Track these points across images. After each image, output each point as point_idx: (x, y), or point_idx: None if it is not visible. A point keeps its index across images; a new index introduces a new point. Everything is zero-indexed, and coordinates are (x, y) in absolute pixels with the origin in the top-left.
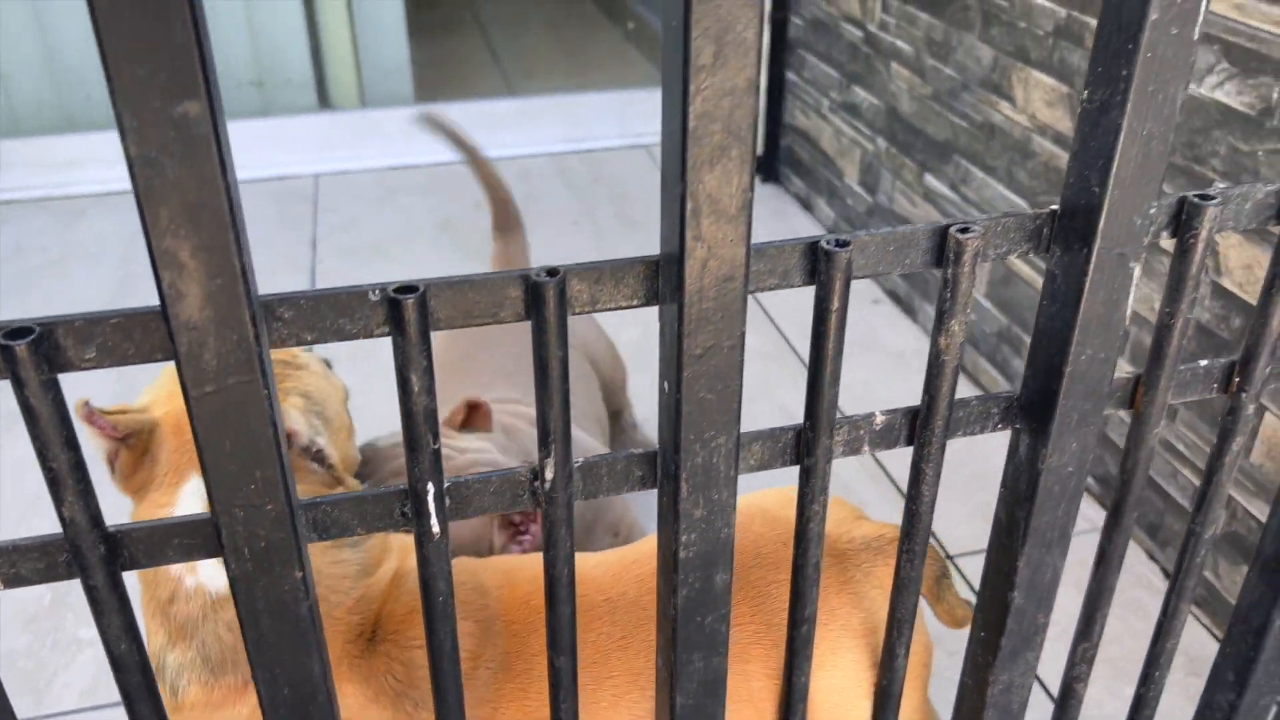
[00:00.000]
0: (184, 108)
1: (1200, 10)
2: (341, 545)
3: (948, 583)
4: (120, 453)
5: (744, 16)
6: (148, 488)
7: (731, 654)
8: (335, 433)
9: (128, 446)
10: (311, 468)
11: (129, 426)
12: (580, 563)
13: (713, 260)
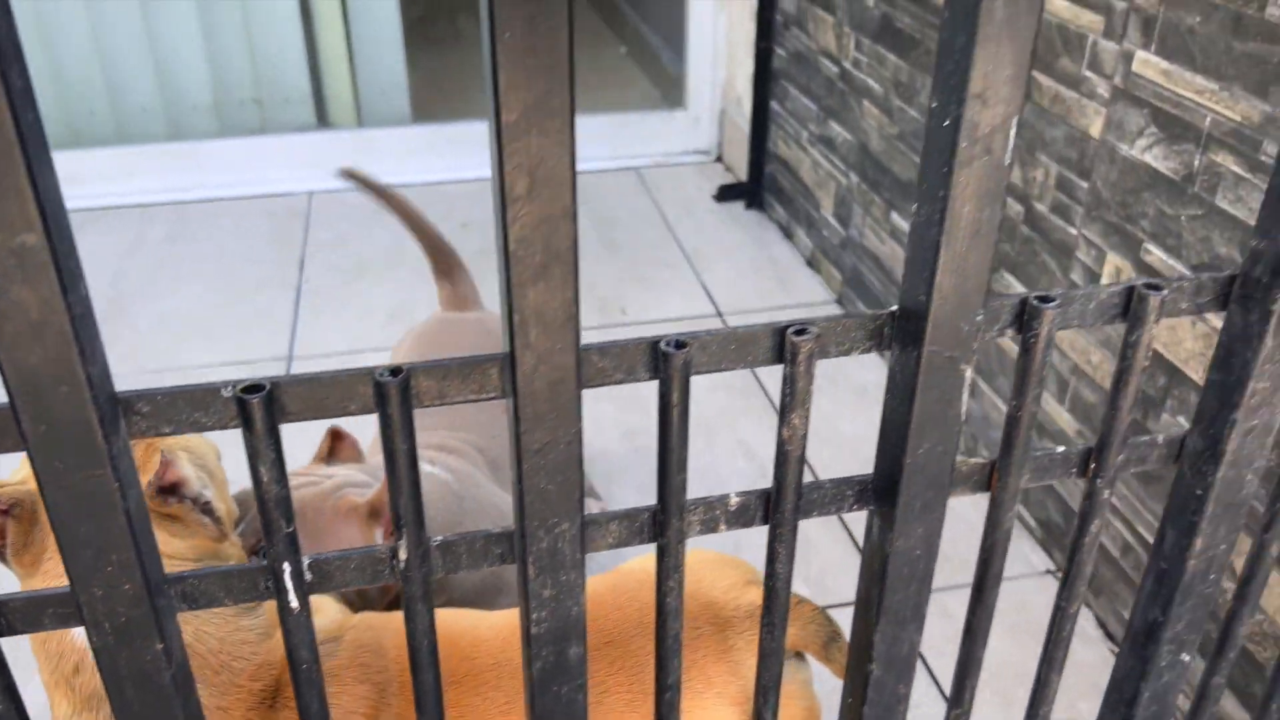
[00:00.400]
0: (22, 239)
1: (1009, 142)
2: (240, 613)
3: (838, 645)
4: (7, 526)
5: (555, 153)
6: (40, 559)
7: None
8: (218, 486)
9: (13, 518)
10: (201, 520)
11: (10, 498)
12: (477, 623)
13: (543, 365)
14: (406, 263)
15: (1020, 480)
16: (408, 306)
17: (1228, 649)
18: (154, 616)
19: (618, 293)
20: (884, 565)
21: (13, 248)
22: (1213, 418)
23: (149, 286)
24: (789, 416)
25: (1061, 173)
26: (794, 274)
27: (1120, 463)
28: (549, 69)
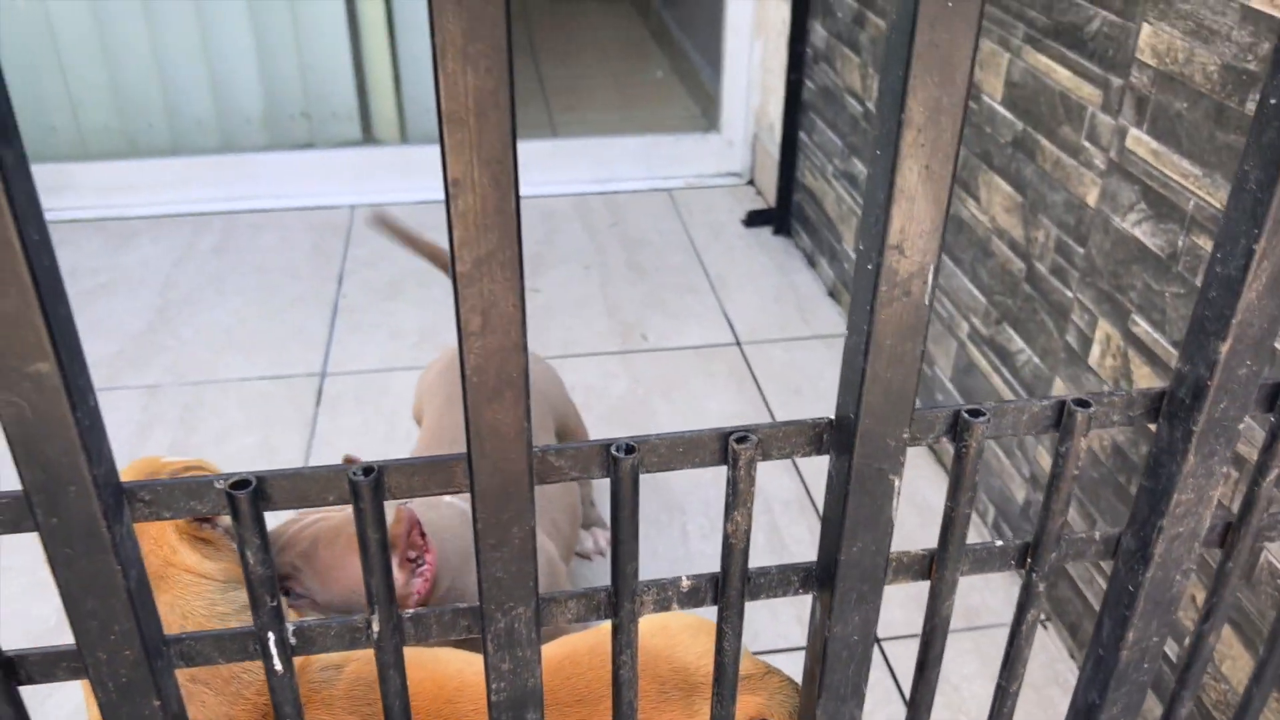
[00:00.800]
0: (37, 366)
1: (928, 286)
2: None
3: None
4: None
5: (505, 296)
6: None
7: None
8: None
9: None
10: (231, 545)
11: None
12: (464, 667)
13: (498, 471)
14: (438, 283)
15: (957, 572)
16: (437, 328)
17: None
18: (152, 676)
19: (640, 317)
20: (824, 647)
21: (29, 373)
22: (1143, 522)
23: (195, 296)
24: (732, 513)
25: (1060, 236)
26: (815, 304)
27: (1055, 559)
28: (499, 226)
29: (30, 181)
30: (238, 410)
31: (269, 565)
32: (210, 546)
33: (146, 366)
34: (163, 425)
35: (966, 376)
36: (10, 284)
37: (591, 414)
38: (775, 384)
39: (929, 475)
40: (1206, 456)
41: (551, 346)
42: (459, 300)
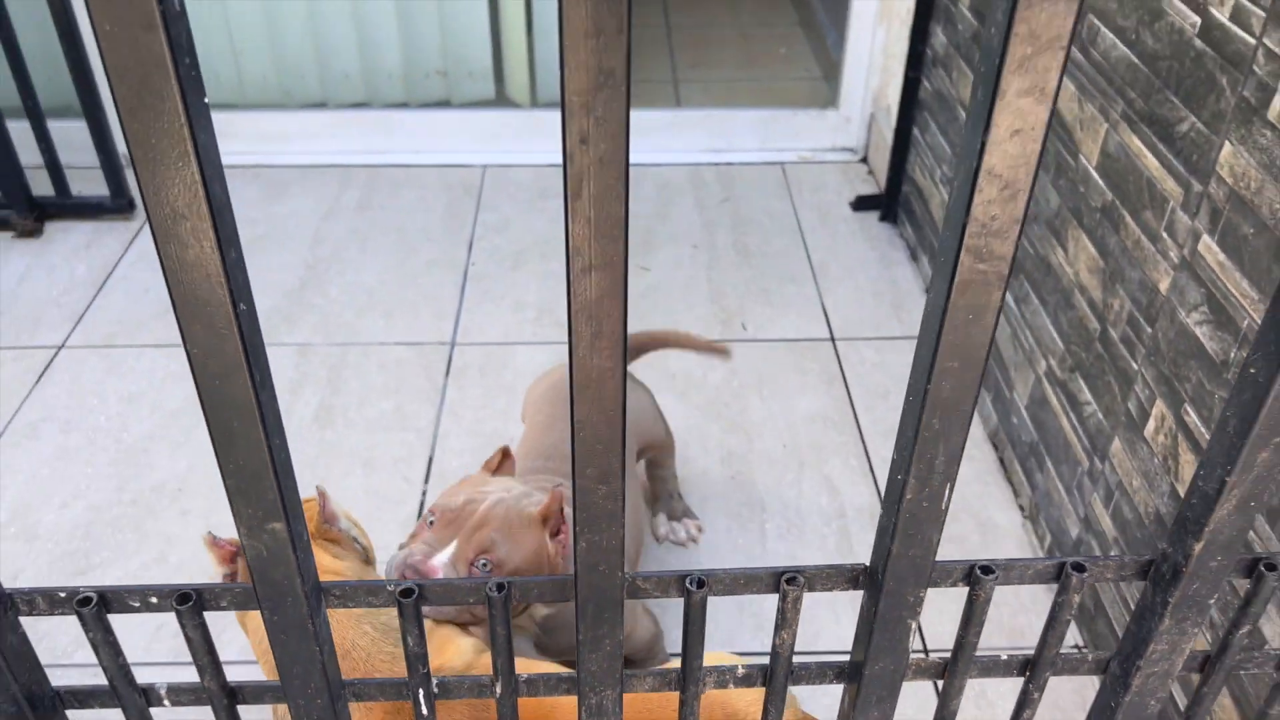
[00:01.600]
0: (272, 526)
1: (944, 497)
2: (383, 635)
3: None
4: (237, 575)
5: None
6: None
7: None
8: (362, 535)
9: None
10: (354, 546)
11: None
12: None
13: (595, 595)
14: (559, 256)
15: (965, 680)
16: (552, 304)
17: None
18: (334, 710)
19: (741, 306)
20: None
21: (268, 529)
22: (1126, 656)
23: (341, 254)
24: (780, 632)
25: (1133, 311)
26: (911, 301)
27: (1049, 675)
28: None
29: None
30: (377, 374)
31: (423, 647)
32: (337, 546)
33: (298, 324)
34: (312, 385)
35: (1040, 409)
36: (243, 432)
37: (689, 404)
38: (863, 386)
39: (996, 494)
40: (1180, 620)
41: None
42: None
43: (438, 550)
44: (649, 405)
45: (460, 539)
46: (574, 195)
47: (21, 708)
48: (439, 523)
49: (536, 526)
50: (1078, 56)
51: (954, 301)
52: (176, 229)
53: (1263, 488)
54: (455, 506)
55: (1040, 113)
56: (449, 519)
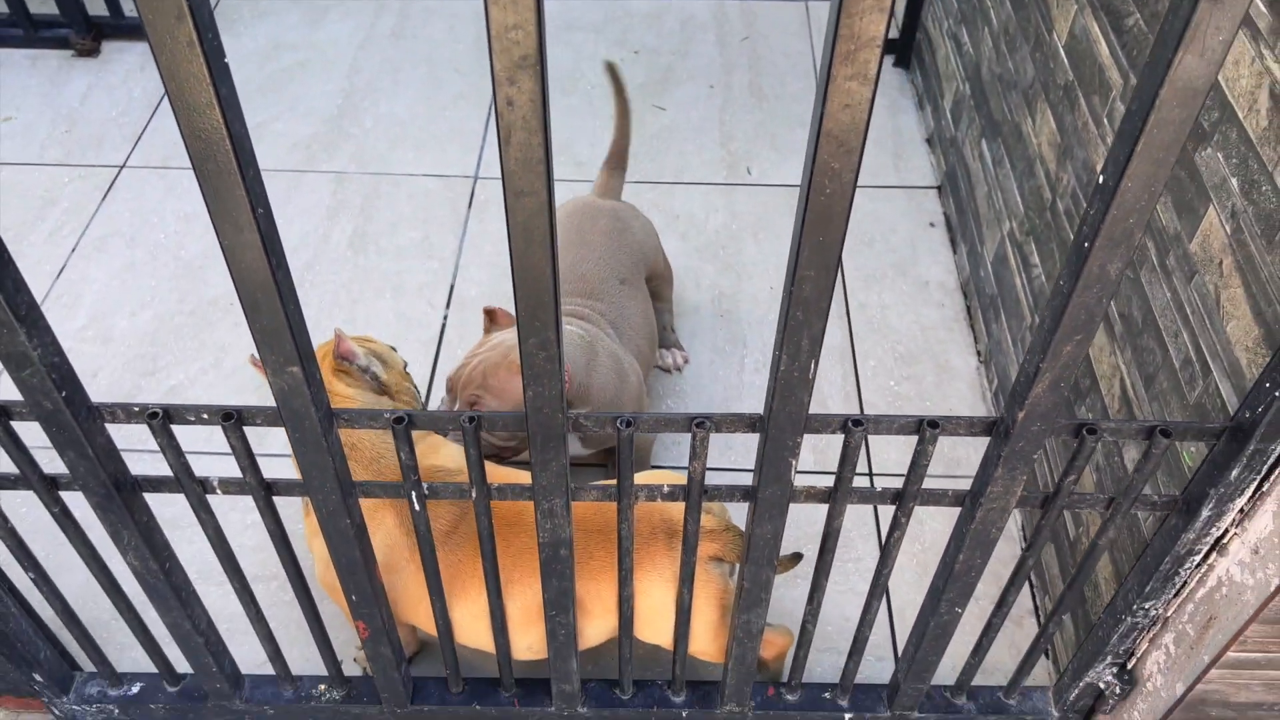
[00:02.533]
0: (291, 370)
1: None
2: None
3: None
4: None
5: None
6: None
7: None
8: (389, 370)
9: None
10: (364, 379)
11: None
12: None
13: (542, 415)
14: (579, 91)
15: (845, 504)
16: (571, 141)
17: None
18: (345, 505)
19: (748, 150)
20: (754, 508)
21: (288, 372)
22: (974, 494)
23: (375, 84)
24: (692, 463)
25: (1075, 187)
26: (910, 151)
27: (913, 506)
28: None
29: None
30: (406, 203)
31: (413, 459)
32: (350, 378)
33: (335, 152)
34: (347, 212)
35: (1002, 266)
36: (265, 302)
37: (689, 244)
38: (854, 233)
39: (958, 340)
40: (1010, 469)
41: (665, 172)
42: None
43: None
44: (653, 235)
45: (451, 401)
46: (504, 142)
47: (109, 491)
48: (449, 395)
49: (517, 374)
50: None
51: (809, 219)
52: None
53: (1068, 373)
54: (453, 375)
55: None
56: (449, 386)
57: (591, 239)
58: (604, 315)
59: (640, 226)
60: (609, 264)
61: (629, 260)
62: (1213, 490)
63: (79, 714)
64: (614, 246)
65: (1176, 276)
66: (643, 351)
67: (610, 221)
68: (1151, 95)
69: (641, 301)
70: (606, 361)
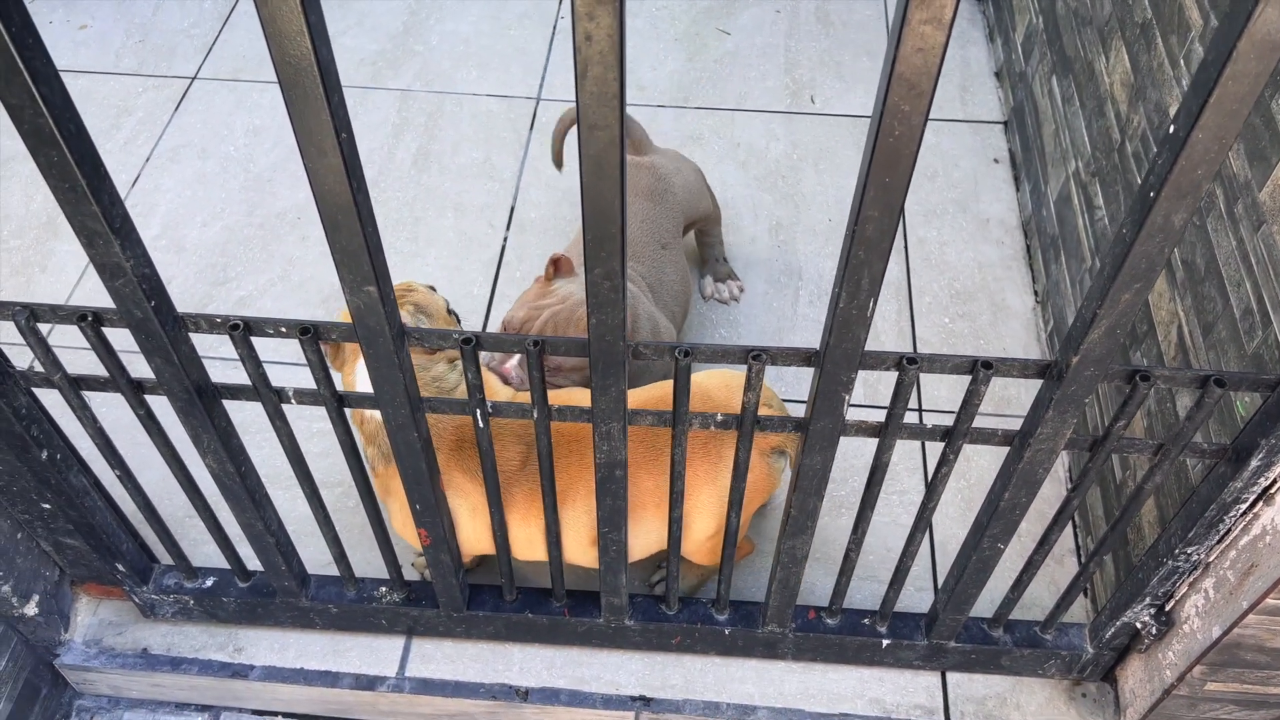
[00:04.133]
0: (367, 289)
1: None
2: (441, 375)
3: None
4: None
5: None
6: (348, 365)
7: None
8: (436, 322)
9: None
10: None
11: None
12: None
13: (604, 343)
14: (644, 13)
15: (895, 439)
16: (641, 61)
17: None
18: (414, 419)
19: (813, 77)
20: (811, 412)
21: (364, 292)
22: (1024, 434)
23: (440, 4)
24: (748, 394)
25: (1145, 130)
26: (977, 84)
27: (964, 441)
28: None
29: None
30: (469, 124)
31: (478, 378)
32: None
33: (401, 69)
34: (411, 131)
35: (1065, 206)
36: (345, 223)
37: (748, 173)
38: (916, 166)
39: (1016, 279)
40: (1061, 412)
41: (727, 98)
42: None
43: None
44: (695, 182)
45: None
46: (580, 75)
47: (191, 397)
48: (513, 327)
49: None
50: None
51: (876, 160)
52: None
53: (1125, 320)
54: (517, 323)
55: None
56: (505, 328)
57: (632, 199)
58: (644, 278)
59: (682, 182)
60: (650, 228)
61: (669, 223)
62: (1264, 441)
63: (157, 603)
64: (655, 209)
65: (1244, 225)
66: (675, 316)
67: (651, 180)
68: (1229, 46)
69: (680, 267)
70: (645, 324)
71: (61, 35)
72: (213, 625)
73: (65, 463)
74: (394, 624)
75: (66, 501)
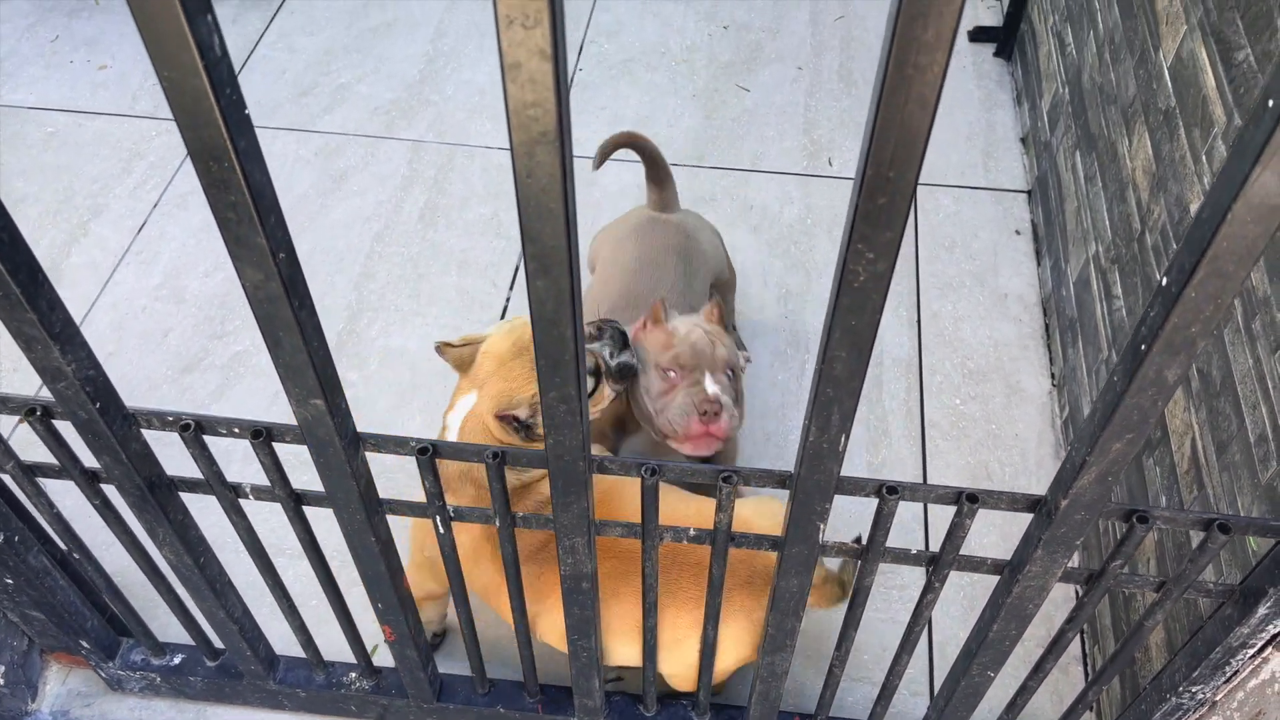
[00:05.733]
0: (313, 402)
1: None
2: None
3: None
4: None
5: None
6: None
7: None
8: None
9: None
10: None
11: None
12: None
13: (563, 462)
14: (664, 67)
15: (876, 564)
16: (648, 118)
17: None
18: (370, 525)
19: (832, 138)
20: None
21: (311, 405)
22: (1013, 568)
23: (460, 49)
24: (719, 514)
25: (1166, 224)
26: (1003, 150)
27: (948, 573)
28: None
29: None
30: (479, 178)
31: (437, 486)
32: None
33: (415, 119)
34: (420, 183)
35: (1084, 290)
36: (287, 340)
37: (760, 237)
38: (933, 235)
39: (1033, 359)
40: (1051, 552)
41: (743, 158)
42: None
43: (724, 394)
44: (717, 244)
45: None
46: (522, 210)
47: (144, 493)
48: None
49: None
50: None
51: (841, 305)
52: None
53: (1117, 468)
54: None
55: None
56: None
57: (664, 260)
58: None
59: (707, 239)
60: (681, 288)
61: (699, 284)
62: (1272, 589)
63: (124, 679)
64: (685, 269)
65: (1261, 344)
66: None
67: (679, 238)
68: (1224, 207)
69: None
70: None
71: (82, 75)
72: (181, 700)
73: (24, 544)
74: (363, 710)
75: (26, 581)
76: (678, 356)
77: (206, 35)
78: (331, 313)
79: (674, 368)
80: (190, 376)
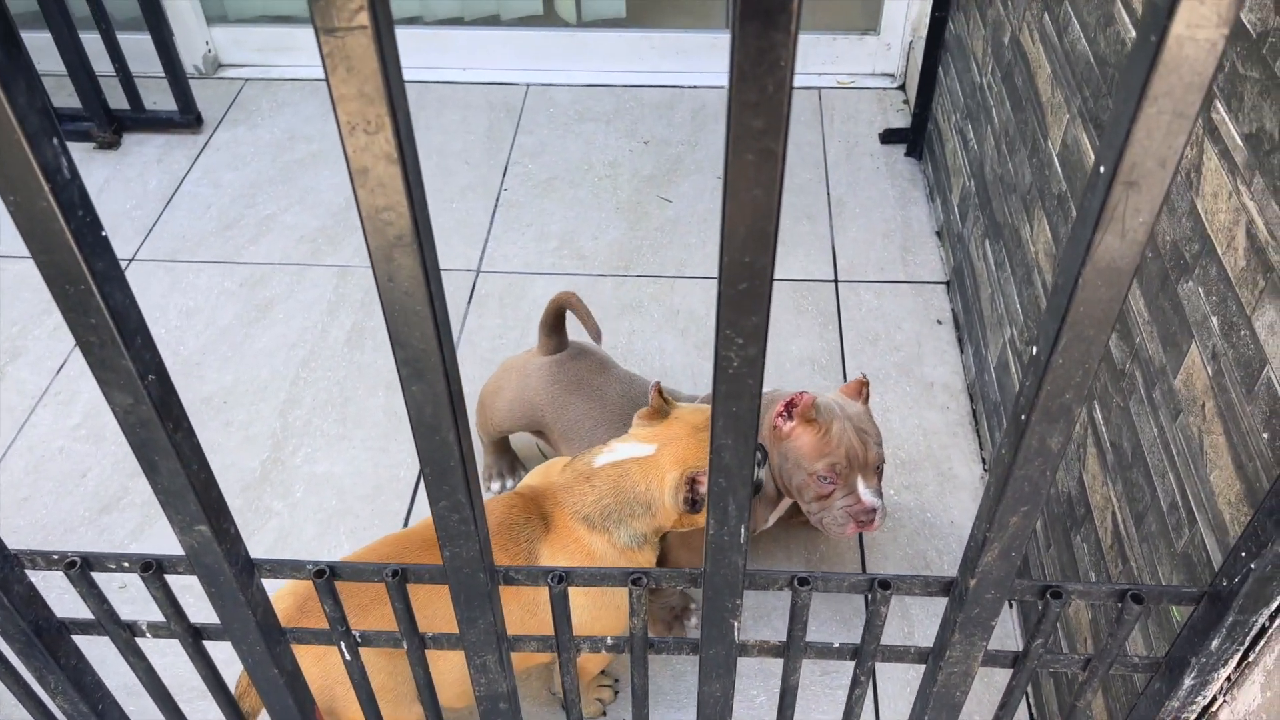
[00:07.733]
0: (199, 529)
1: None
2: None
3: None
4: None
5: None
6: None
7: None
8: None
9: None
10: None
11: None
12: None
13: (462, 575)
14: (587, 183)
15: (800, 660)
16: (574, 234)
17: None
18: (271, 655)
19: None
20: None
21: (196, 532)
22: (936, 654)
23: None
24: (633, 619)
25: None
26: (920, 244)
27: (876, 660)
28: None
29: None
30: None
31: (338, 611)
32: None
33: (341, 245)
34: (347, 307)
35: (1004, 373)
36: (164, 465)
37: (686, 341)
38: (856, 330)
39: (963, 445)
40: (968, 635)
41: (667, 266)
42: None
43: (877, 496)
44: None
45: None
46: (388, 317)
47: (30, 638)
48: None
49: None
50: (1053, 38)
51: (719, 389)
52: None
53: (1018, 542)
54: (851, 458)
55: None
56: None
57: (598, 383)
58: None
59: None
60: (626, 402)
61: (635, 390)
62: (1194, 659)
63: None
64: (617, 384)
65: (1163, 413)
66: None
67: (598, 361)
68: (1074, 275)
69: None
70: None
71: (3, 213)
72: None
73: None
74: None
75: None
76: (834, 466)
77: (53, 159)
78: (255, 442)
79: (830, 474)
80: (109, 517)
